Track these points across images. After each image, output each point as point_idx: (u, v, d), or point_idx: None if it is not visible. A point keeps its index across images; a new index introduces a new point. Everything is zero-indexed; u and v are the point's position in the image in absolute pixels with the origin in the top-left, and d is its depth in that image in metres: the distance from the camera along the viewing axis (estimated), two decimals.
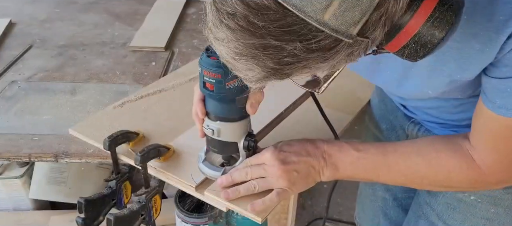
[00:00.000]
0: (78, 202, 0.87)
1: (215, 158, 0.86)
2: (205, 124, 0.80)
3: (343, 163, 0.78)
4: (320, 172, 0.78)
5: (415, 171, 0.77)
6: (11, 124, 1.10)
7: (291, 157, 0.77)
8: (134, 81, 1.30)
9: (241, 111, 0.78)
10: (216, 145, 0.81)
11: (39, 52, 1.47)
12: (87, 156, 1.00)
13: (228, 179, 0.79)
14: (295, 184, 0.77)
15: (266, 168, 0.78)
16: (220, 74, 0.72)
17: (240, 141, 0.81)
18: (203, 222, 1.18)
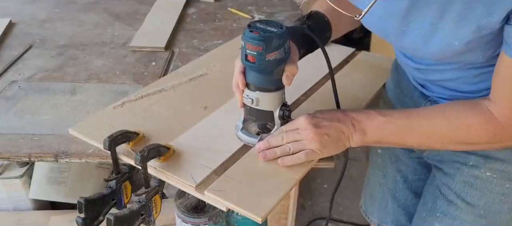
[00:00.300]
0: (78, 202, 0.87)
1: (251, 127, 0.95)
2: (245, 94, 0.88)
3: (371, 127, 0.86)
4: (349, 137, 0.86)
5: (437, 130, 0.84)
6: (11, 123, 1.10)
7: (323, 122, 0.86)
8: (134, 81, 1.30)
9: (278, 82, 0.87)
10: (254, 113, 0.90)
11: (39, 52, 1.47)
12: (87, 155, 1.00)
13: (265, 144, 0.88)
14: (325, 147, 0.85)
15: (300, 132, 0.86)
16: (262, 47, 0.81)
17: (276, 110, 0.90)
18: (203, 222, 1.19)
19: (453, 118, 0.83)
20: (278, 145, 0.88)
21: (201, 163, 0.88)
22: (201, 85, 1.15)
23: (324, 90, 1.05)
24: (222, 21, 1.72)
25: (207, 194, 0.83)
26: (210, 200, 0.83)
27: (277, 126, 0.91)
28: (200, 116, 1.03)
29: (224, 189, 0.83)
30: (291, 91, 0.95)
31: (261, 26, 0.83)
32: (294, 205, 1.32)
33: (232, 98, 1.09)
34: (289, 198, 1.31)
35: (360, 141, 0.86)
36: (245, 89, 0.88)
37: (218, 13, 1.79)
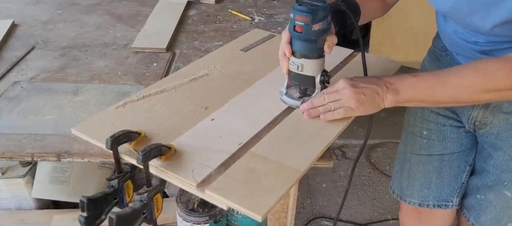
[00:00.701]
0: (81, 201, 0.87)
1: (294, 93, 1.08)
2: (291, 61, 1.01)
3: (403, 86, 0.95)
4: (383, 98, 0.95)
5: (464, 81, 0.92)
6: (14, 124, 1.11)
7: (360, 84, 0.96)
8: (135, 82, 1.31)
9: (320, 50, 1.00)
10: (298, 78, 1.03)
11: (41, 53, 1.48)
12: (89, 155, 1.01)
13: (309, 104, 1.00)
14: (362, 105, 0.95)
15: (340, 91, 0.97)
16: (309, 18, 0.93)
17: (317, 76, 1.02)
18: (204, 221, 1.19)
19: (480, 68, 0.91)
20: (321, 104, 0.99)
21: (202, 162, 0.89)
22: (202, 86, 1.17)
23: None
24: (222, 22, 1.73)
25: (208, 193, 0.84)
26: (211, 199, 0.84)
27: (318, 90, 1.03)
28: (201, 116, 1.04)
29: (225, 188, 0.84)
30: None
31: (307, 1, 0.95)
32: (293, 204, 1.33)
33: (232, 98, 1.10)
34: (289, 197, 1.32)
35: (394, 100, 0.95)
36: (291, 58, 1.01)
37: (219, 15, 1.80)
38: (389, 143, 2.57)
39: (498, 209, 1.14)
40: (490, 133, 1.12)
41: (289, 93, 1.07)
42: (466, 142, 1.23)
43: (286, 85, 1.07)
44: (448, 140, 1.23)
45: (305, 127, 1.00)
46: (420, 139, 1.28)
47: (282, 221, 1.38)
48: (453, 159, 1.25)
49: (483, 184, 1.18)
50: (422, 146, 1.28)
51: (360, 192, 2.26)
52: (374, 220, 2.10)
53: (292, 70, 1.02)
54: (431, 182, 1.28)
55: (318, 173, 2.32)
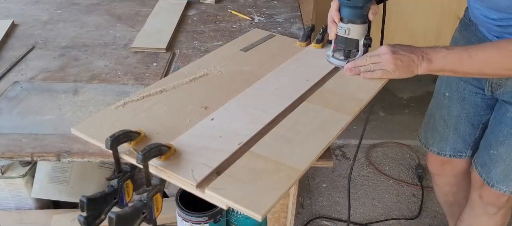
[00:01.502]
0: (80, 201, 0.87)
1: (339, 56, 1.23)
2: (339, 26, 1.18)
3: (436, 57, 1.08)
4: (418, 65, 1.09)
5: (490, 59, 1.07)
6: (14, 123, 1.11)
7: (400, 51, 1.10)
8: (135, 82, 1.31)
9: (365, 16, 1.17)
10: (344, 41, 1.19)
11: (41, 53, 1.48)
12: (89, 155, 1.01)
13: (353, 63, 1.17)
14: (398, 69, 1.09)
15: (381, 55, 1.12)
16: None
17: (361, 39, 1.19)
18: (204, 221, 1.19)
19: (504, 47, 1.05)
20: (363, 64, 1.14)
21: (202, 162, 0.89)
22: (201, 86, 1.17)
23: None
24: (222, 22, 1.73)
25: (207, 192, 0.84)
26: (211, 199, 0.84)
27: (360, 53, 1.20)
28: (200, 116, 1.04)
29: (225, 187, 0.84)
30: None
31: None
32: (293, 203, 1.33)
33: (232, 98, 1.10)
34: (289, 197, 1.32)
35: (427, 68, 1.08)
36: (339, 24, 1.17)
37: (219, 15, 1.80)
38: (389, 143, 2.58)
39: (507, 162, 1.30)
40: (506, 92, 1.29)
41: (335, 56, 1.23)
42: (481, 105, 1.43)
43: (332, 49, 1.23)
44: (466, 101, 1.44)
45: (305, 126, 1.00)
46: (443, 99, 1.50)
47: (281, 221, 1.38)
48: (468, 118, 1.47)
49: (496, 139, 1.33)
50: (443, 105, 1.50)
51: (360, 192, 2.26)
52: (374, 220, 2.10)
53: (339, 34, 1.18)
54: (449, 136, 1.52)
55: (318, 173, 2.32)
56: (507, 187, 1.32)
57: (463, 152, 1.53)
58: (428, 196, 2.24)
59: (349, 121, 1.04)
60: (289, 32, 1.63)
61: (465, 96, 1.44)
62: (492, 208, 1.43)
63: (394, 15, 2.89)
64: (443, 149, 1.55)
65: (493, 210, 1.44)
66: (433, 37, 2.96)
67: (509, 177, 1.31)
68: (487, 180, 1.36)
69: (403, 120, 2.77)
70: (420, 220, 2.12)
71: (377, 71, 1.12)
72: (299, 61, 1.27)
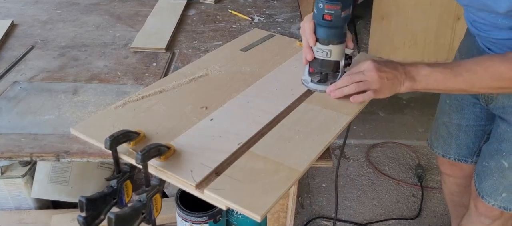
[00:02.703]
0: (80, 201, 0.87)
1: (316, 79, 1.14)
2: (317, 49, 1.07)
3: (419, 75, 1.01)
4: (401, 83, 1.02)
5: (475, 78, 1.00)
6: (13, 123, 1.11)
7: (384, 67, 1.02)
8: (135, 82, 1.31)
9: (344, 35, 1.07)
10: (325, 64, 1.09)
11: (41, 53, 1.48)
12: (88, 155, 1.01)
13: (335, 86, 1.07)
14: (384, 87, 1.02)
15: (365, 73, 1.02)
16: (339, 6, 1.00)
17: (342, 59, 1.09)
18: (203, 221, 1.19)
19: (489, 66, 0.98)
20: (346, 85, 1.05)
21: (201, 162, 0.89)
22: (201, 86, 1.17)
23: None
24: (222, 22, 1.73)
25: (207, 193, 0.84)
26: (210, 199, 0.84)
27: (341, 73, 1.10)
28: (200, 116, 1.04)
29: (224, 188, 0.84)
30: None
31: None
32: (293, 204, 1.33)
33: (232, 98, 1.10)
34: (288, 197, 1.32)
35: (410, 86, 1.02)
36: (317, 45, 1.07)
37: (218, 15, 1.80)
38: (389, 143, 2.57)
39: (495, 177, 1.26)
40: (497, 106, 1.25)
41: (313, 80, 1.14)
42: (481, 115, 1.38)
43: (308, 71, 1.14)
44: (464, 111, 1.40)
45: (304, 127, 1.00)
46: (444, 105, 1.47)
47: (281, 221, 1.38)
48: (469, 128, 1.42)
49: (488, 152, 1.30)
50: (445, 112, 1.47)
51: (360, 192, 2.26)
52: (374, 220, 2.10)
53: (319, 57, 1.08)
54: (451, 143, 1.49)
55: (317, 173, 2.32)
56: (495, 201, 1.28)
57: (468, 158, 1.49)
58: (427, 196, 2.24)
59: (349, 121, 1.04)
60: (289, 32, 1.63)
61: (463, 105, 1.40)
62: (485, 219, 1.37)
63: (394, 16, 2.88)
64: (447, 152, 1.52)
65: (487, 221, 1.38)
66: (432, 37, 2.96)
67: (498, 191, 1.27)
68: (479, 191, 1.32)
69: (403, 120, 2.77)
70: (419, 220, 2.11)
71: (368, 93, 1.03)
72: (298, 61, 1.27)
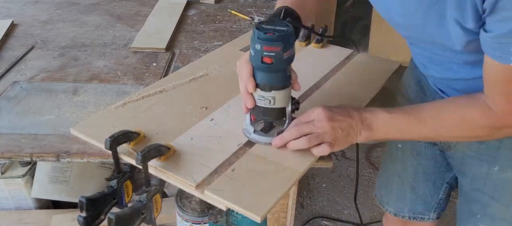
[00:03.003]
0: (80, 201, 0.87)
1: (258, 126, 0.96)
2: (258, 96, 0.89)
3: (377, 124, 0.89)
4: (357, 133, 0.89)
5: (442, 126, 0.88)
6: (13, 124, 1.11)
7: (337, 116, 0.88)
8: (135, 82, 1.31)
9: (289, 78, 0.90)
10: (269, 113, 0.91)
11: (41, 53, 1.48)
12: (88, 155, 1.01)
13: (282, 139, 0.90)
14: (337, 140, 0.88)
15: (316, 123, 0.88)
16: (280, 47, 0.81)
17: (288, 105, 0.91)
18: (204, 221, 1.19)
19: (457, 113, 0.86)
20: (294, 138, 0.89)
21: (201, 162, 0.89)
22: (201, 86, 1.16)
23: (323, 91, 1.06)
24: (222, 22, 1.73)
25: (207, 193, 0.83)
26: (210, 200, 0.84)
27: (288, 120, 0.93)
28: (200, 116, 1.04)
29: (224, 188, 0.84)
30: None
31: (269, 27, 0.83)
32: (293, 204, 1.32)
33: (231, 99, 1.10)
34: (288, 197, 1.32)
35: (367, 136, 0.89)
36: (258, 92, 0.88)
37: (218, 15, 1.80)
38: None
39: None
40: (456, 157, 1.08)
41: (257, 130, 0.95)
42: (442, 161, 1.17)
43: (250, 121, 0.95)
44: (422, 156, 1.19)
45: None
46: (396, 151, 1.25)
47: (281, 221, 1.38)
48: (427, 176, 1.21)
49: (462, 215, 1.12)
50: (397, 159, 1.25)
51: (360, 192, 2.26)
52: (374, 220, 2.10)
53: (261, 105, 0.89)
54: (406, 195, 1.26)
55: (317, 173, 2.32)
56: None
57: (425, 214, 1.25)
58: None
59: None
60: None
61: (420, 150, 1.18)
62: None
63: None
64: (400, 210, 1.28)
65: None
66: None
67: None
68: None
69: None
70: None
71: (323, 146, 0.87)
72: (298, 61, 1.26)
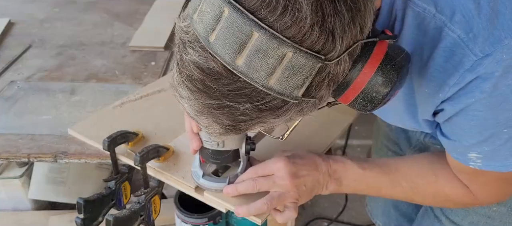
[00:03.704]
0: (78, 203, 0.86)
1: (210, 169, 0.85)
2: (205, 137, 0.79)
3: (347, 179, 0.82)
4: (324, 186, 0.82)
5: (416, 192, 0.81)
6: (10, 124, 1.10)
7: (302, 171, 0.79)
8: (133, 81, 1.30)
9: None
10: (218, 155, 0.81)
11: (38, 52, 1.47)
12: (86, 156, 1.00)
13: (234, 191, 0.80)
14: (301, 197, 0.80)
15: (277, 180, 0.78)
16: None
17: (242, 147, 0.81)
18: (203, 223, 1.18)
19: (433, 183, 0.80)
20: (250, 192, 0.80)
21: None
22: None
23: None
24: None
25: (206, 195, 0.82)
26: (210, 202, 0.83)
27: (244, 162, 0.83)
28: None
29: None
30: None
31: None
32: None
33: None
34: None
35: (335, 190, 0.83)
36: (204, 134, 0.79)
37: None
38: None
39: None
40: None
41: (207, 172, 0.84)
42: None
43: (200, 163, 0.85)
44: None
45: (305, 127, 0.99)
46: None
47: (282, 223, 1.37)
48: None
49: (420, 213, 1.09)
50: None
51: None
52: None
53: (209, 147, 0.79)
54: (390, 212, 1.24)
55: None
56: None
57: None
58: None
59: (351, 121, 1.03)
60: None
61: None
62: None
63: None
64: (387, 224, 1.27)
65: None
66: None
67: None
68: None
69: None
70: None
71: (290, 212, 0.79)
72: None
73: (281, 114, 0.54)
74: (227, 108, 0.52)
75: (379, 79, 0.55)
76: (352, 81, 0.55)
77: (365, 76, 0.55)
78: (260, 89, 0.51)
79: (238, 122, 0.54)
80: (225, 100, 0.52)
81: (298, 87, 0.51)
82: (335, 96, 0.58)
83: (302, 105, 0.54)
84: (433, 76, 0.62)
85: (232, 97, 0.52)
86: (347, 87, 0.56)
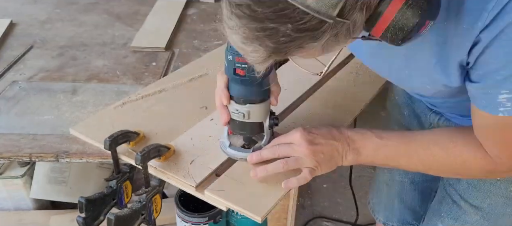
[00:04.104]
0: (79, 202, 0.87)
1: (237, 141, 0.93)
2: (233, 109, 0.86)
3: (366, 149, 0.84)
4: (343, 156, 0.84)
5: (433, 160, 0.82)
6: (12, 123, 1.11)
7: (318, 139, 0.83)
8: (134, 82, 1.30)
9: (266, 92, 0.86)
10: (244, 127, 0.88)
11: (39, 53, 1.47)
12: (87, 155, 1.01)
13: (258, 156, 0.86)
14: (320, 165, 0.83)
15: (295, 147, 0.83)
16: None
17: (266, 120, 0.88)
18: (203, 222, 1.19)
19: (450, 150, 0.80)
20: (270, 158, 0.84)
21: (201, 162, 0.89)
22: (201, 86, 1.16)
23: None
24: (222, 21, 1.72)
25: (207, 194, 0.83)
26: (210, 200, 0.83)
27: (267, 136, 0.89)
28: (200, 116, 1.03)
29: (224, 189, 0.83)
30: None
31: None
32: (293, 204, 1.32)
33: None
34: (289, 198, 1.31)
35: (354, 160, 0.84)
36: (232, 105, 0.85)
37: (218, 14, 1.79)
38: None
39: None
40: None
41: (233, 144, 0.92)
42: None
43: (227, 134, 0.92)
44: None
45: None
46: None
47: (282, 222, 1.37)
48: (415, 185, 1.20)
49: (428, 213, 1.13)
50: (385, 168, 1.22)
51: (361, 193, 2.25)
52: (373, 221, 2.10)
53: (236, 119, 0.86)
54: (394, 205, 1.25)
55: None
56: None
57: (413, 224, 1.26)
58: None
59: (350, 121, 1.03)
60: None
61: None
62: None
63: None
64: (389, 219, 1.28)
65: None
66: None
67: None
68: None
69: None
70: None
71: (304, 174, 0.82)
72: (299, 61, 1.26)
73: (318, 36, 0.57)
74: (269, 30, 0.57)
75: (409, 9, 0.58)
76: (383, 11, 0.59)
77: (395, 4, 0.58)
78: (299, 9, 0.54)
79: (280, 43, 0.58)
80: (268, 23, 0.56)
81: (332, 6, 0.55)
82: (368, 30, 0.61)
83: (338, 28, 0.57)
84: (470, 9, 0.64)
85: (274, 19, 0.56)
86: (378, 17, 0.59)
